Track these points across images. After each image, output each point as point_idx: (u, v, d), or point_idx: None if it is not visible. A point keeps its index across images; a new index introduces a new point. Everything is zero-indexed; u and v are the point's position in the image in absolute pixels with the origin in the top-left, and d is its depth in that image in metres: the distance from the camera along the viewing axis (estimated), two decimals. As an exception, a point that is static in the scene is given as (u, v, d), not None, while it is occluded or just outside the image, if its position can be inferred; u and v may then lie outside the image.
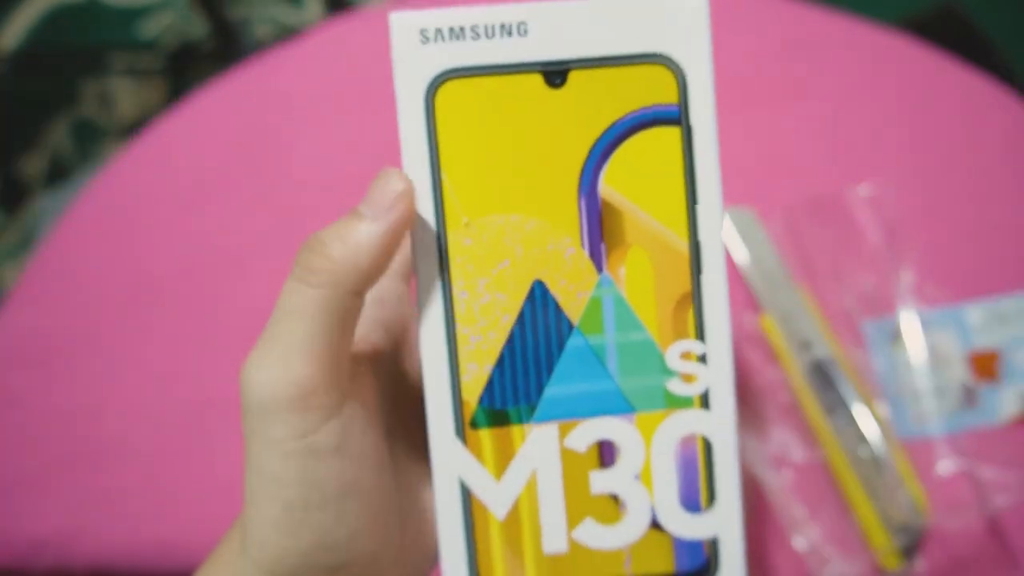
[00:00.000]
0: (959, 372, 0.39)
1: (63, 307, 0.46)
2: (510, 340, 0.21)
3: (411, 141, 0.20)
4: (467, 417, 0.21)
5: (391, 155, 0.20)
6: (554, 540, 0.21)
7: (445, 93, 0.20)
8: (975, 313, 0.41)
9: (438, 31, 0.20)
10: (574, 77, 0.20)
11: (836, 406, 0.37)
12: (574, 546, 0.21)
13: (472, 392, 0.21)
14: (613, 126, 0.20)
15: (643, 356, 0.20)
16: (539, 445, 0.21)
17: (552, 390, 0.21)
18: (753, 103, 0.48)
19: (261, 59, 0.53)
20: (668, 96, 0.20)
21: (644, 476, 0.20)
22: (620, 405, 0.21)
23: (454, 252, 0.21)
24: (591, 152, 0.20)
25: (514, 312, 0.21)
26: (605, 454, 0.21)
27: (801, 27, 0.51)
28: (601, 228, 0.20)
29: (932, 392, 0.39)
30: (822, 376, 0.38)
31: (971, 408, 0.39)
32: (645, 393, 0.20)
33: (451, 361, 0.21)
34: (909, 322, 0.40)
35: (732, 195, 0.45)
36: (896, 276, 0.42)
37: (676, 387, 0.20)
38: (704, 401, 0.20)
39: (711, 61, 0.19)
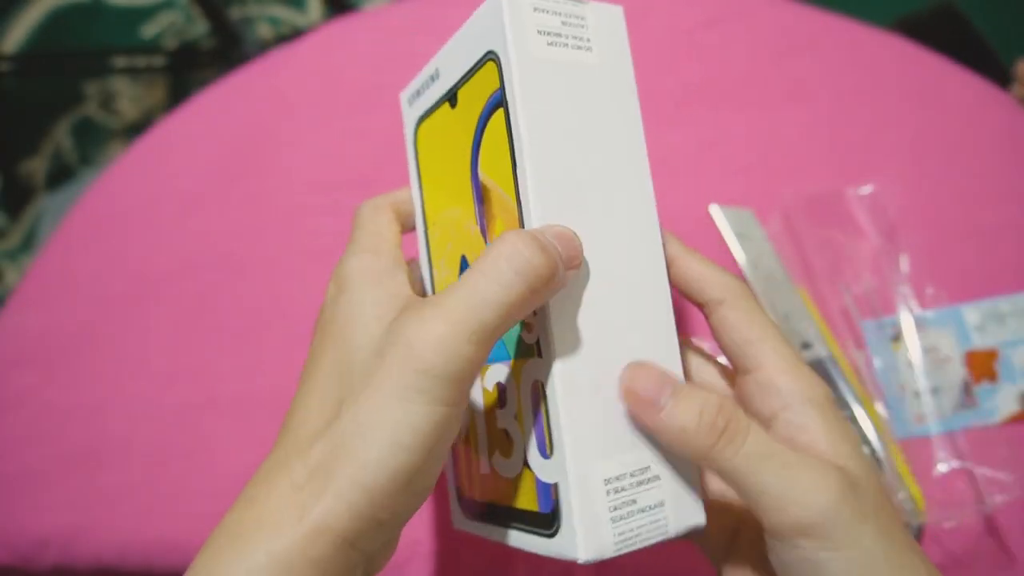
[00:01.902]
0: (957, 372, 0.39)
1: (65, 307, 0.46)
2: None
3: (410, 169, 0.29)
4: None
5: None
6: (483, 463, 0.25)
7: (420, 134, 0.28)
8: (973, 313, 0.41)
9: (412, 95, 0.29)
10: (461, 94, 0.25)
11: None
12: (492, 470, 0.24)
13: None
14: (479, 120, 0.24)
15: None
16: (476, 386, 0.25)
17: None
18: (753, 103, 0.48)
19: (261, 59, 0.53)
20: (497, 83, 0.23)
21: (519, 417, 0.23)
22: (504, 353, 0.24)
23: (430, 242, 0.28)
24: (472, 146, 0.25)
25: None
26: (500, 395, 0.24)
27: (801, 27, 0.51)
28: (483, 207, 0.24)
29: (930, 391, 0.39)
30: (822, 375, 0.38)
31: (969, 408, 0.39)
32: (513, 342, 0.23)
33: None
34: (908, 322, 0.40)
35: (732, 195, 0.45)
36: (895, 276, 0.42)
37: (525, 336, 0.23)
38: (538, 350, 0.22)
39: (516, 44, 0.22)
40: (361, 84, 0.51)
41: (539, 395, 0.22)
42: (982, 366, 0.39)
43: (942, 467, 0.37)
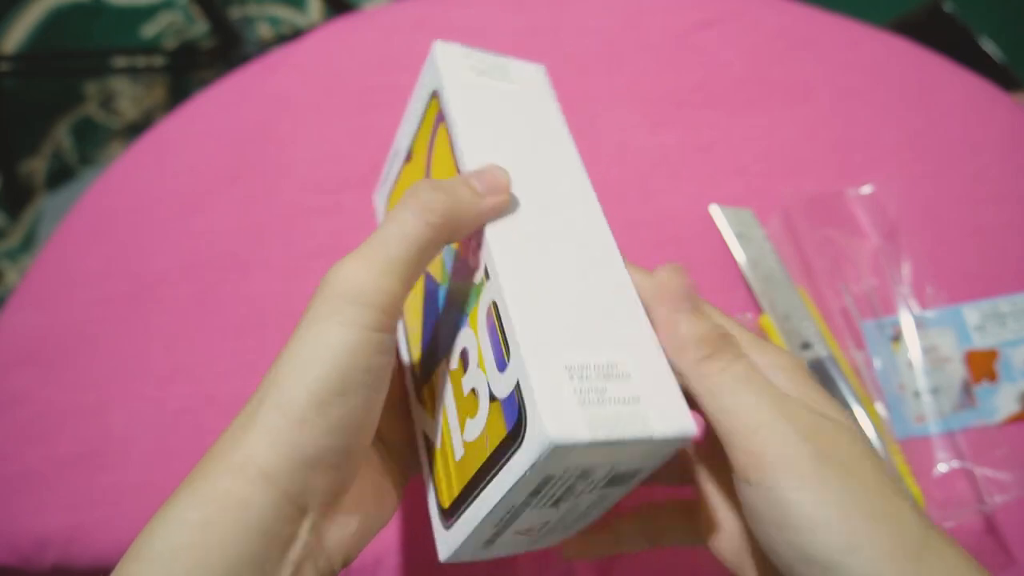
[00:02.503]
0: (957, 372, 0.39)
1: (66, 307, 0.46)
2: (424, 312, 0.29)
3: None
4: (419, 380, 0.29)
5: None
6: (459, 449, 0.25)
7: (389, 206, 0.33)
8: (973, 313, 0.41)
9: (381, 185, 0.35)
10: (414, 146, 0.31)
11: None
12: (466, 447, 0.24)
13: (418, 358, 0.29)
14: (428, 147, 0.29)
15: (466, 279, 0.25)
16: (441, 378, 0.26)
17: (436, 334, 0.27)
18: (753, 103, 0.48)
19: (261, 59, 0.53)
20: (438, 108, 0.28)
21: (480, 362, 0.23)
22: (463, 320, 0.25)
23: None
24: (426, 168, 0.29)
25: (420, 296, 0.30)
26: (464, 361, 0.25)
27: (801, 27, 0.51)
28: None
29: (930, 391, 0.39)
30: (822, 375, 0.38)
31: (969, 408, 0.39)
32: (467, 297, 0.25)
33: (406, 339, 0.31)
34: (908, 322, 0.40)
35: (732, 195, 0.45)
36: (895, 276, 0.42)
37: (475, 277, 0.24)
38: (487, 275, 0.23)
39: (448, 69, 0.28)
40: (361, 84, 0.51)
41: (494, 316, 0.23)
42: (982, 366, 0.39)
43: (942, 467, 0.37)
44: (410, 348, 0.30)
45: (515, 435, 0.21)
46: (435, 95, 0.28)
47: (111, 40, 1.27)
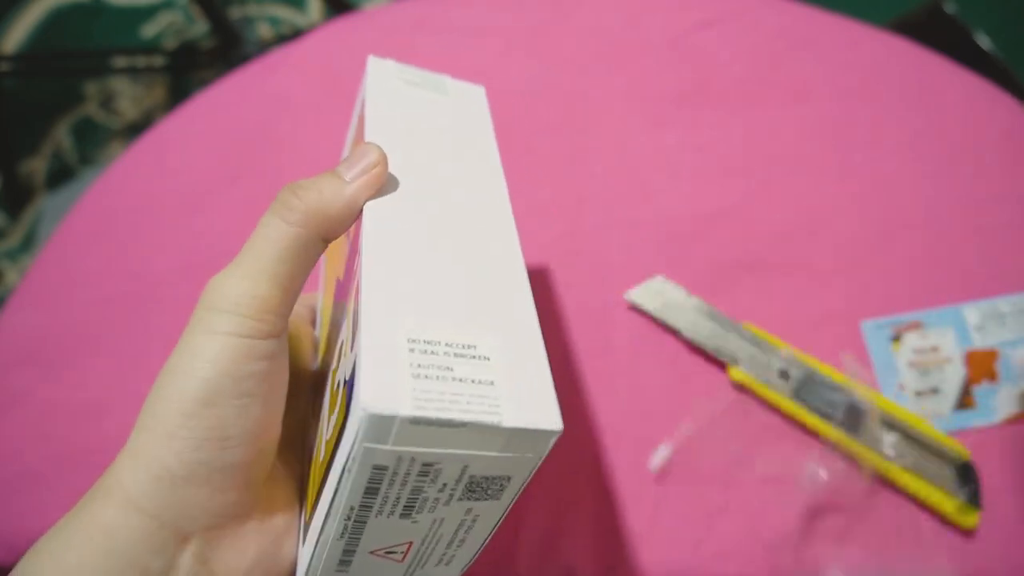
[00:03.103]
0: (957, 372, 0.39)
1: (66, 307, 0.46)
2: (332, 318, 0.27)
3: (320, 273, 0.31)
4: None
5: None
6: (322, 450, 0.22)
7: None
8: (973, 313, 0.41)
9: None
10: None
11: (837, 409, 0.38)
12: (325, 445, 0.22)
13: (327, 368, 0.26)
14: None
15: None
16: (327, 381, 0.24)
17: (331, 336, 0.25)
18: (752, 103, 0.48)
19: (261, 59, 0.53)
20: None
21: (347, 351, 0.21)
22: (343, 312, 0.23)
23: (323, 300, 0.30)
24: None
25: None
26: (340, 354, 0.22)
27: (801, 27, 0.51)
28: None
29: (930, 391, 0.39)
30: (811, 392, 0.38)
31: (969, 408, 0.39)
32: (350, 290, 0.23)
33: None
34: (908, 322, 0.40)
35: (732, 195, 0.45)
36: (893, 278, 0.42)
37: (356, 265, 0.23)
38: (361, 256, 0.22)
39: (375, 73, 0.29)
40: (361, 84, 0.51)
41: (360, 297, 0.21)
42: (982, 366, 0.39)
43: (942, 467, 0.37)
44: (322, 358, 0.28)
45: (346, 415, 0.19)
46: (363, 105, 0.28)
47: (111, 40, 1.27)
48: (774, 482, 0.37)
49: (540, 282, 0.43)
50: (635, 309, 0.42)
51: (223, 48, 1.12)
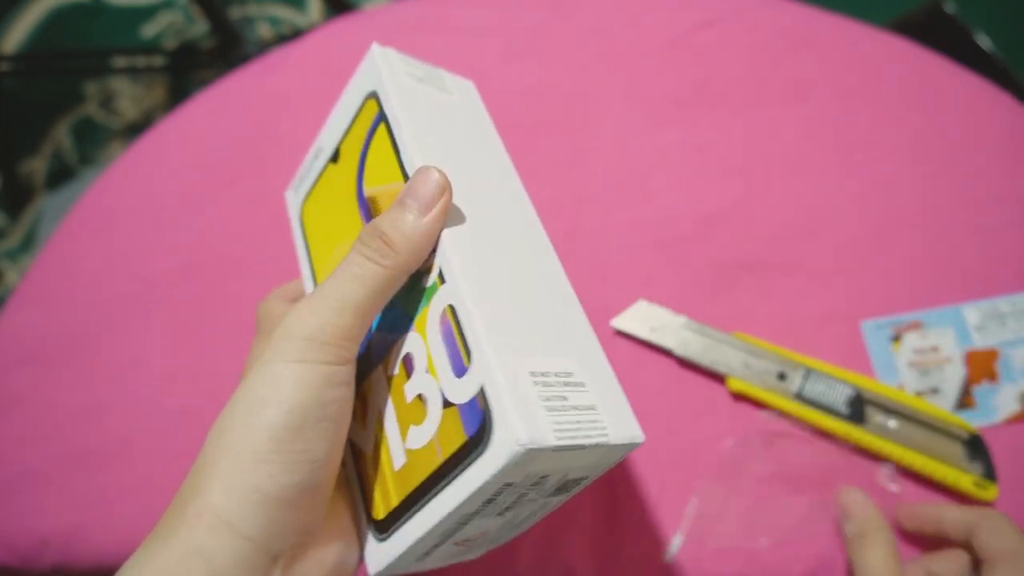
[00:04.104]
0: (957, 372, 0.39)
1: (65, 307, 0.46)
2: None
3: (299, 250, 0.32)
4: None
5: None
6: (399, 457, 0.24)
7: (305, 211, 0.33)
8: (973, 313, 0.41)
9: (296, 184, 0.34)
10: (343, 147, 0.30)
11: (839, 403, 0.38)
12: (409, 454, 0.24)
13: None
14: (363, 147, 0.28)
15: (411, 284, 0.25)
16: (376, 384, 0.25)
17: (372, 338, 0.26)
18: (752, 103, 0.48)
19: (261, 59, 0.53)
20: (377, 108, 0.28)
21: (430, 367, 0.23)
22: (406, 324, 0.25)
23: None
24: (356, 176, 0.28)
25: None
26: (408, 366, 0.24)
27: (801, 27, 0.51)
28: (371, 217, 0.27)
29: (930, 391, 0.39)
30: (811, 388, 0.38)
31: (969, 408, 0.39)
32: (414, 301, 0.24)
33: None
34: (908, 322, 0.40)
35: (732, 195, 0.45)
36: (893, 278, 0.42)
37: (425, 281, 0.24)
38: (442, 278, 0.23)
39: (391, 73, 0.28)
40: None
41: (449, 320, 0.22)
42: (982, 366, 0.39)
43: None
44: None
45: (477, 441, 0.21)
46: (373, 97, 0.28)
47: (111, 40, 1.27)
48: (775, 482, 0.37)
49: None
50: (622, 335, 0.41)
51: (223, 48, 1.12)
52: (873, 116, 0.47)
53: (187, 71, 1.23)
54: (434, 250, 0.24)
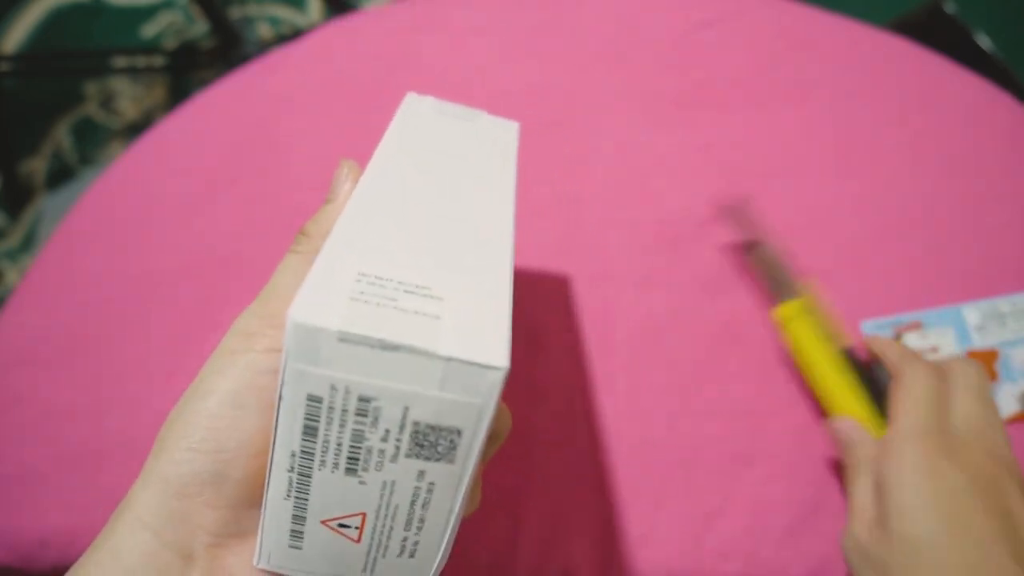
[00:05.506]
0: (958, 372, 0.39)
1: (66, 307, 0.46)
2: None
3: None
4: None
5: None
6: None
7: None
8: (973, 313, 0.41)
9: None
10: None
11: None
12: None
13: None
14: None
15: None
16: None
17: None
18: (752, 103, 0.48)
19: (261, 59, 0.53)
20: None
21: None
22: None
23: None
24: None
25: None
26: None
27: (801, 27, 0.51)
28: None
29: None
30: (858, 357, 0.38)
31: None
32: None
33: None
34: (908, 322, 0.40)
35: (732, 195, 0.45)
36: (893, 278, 0.42)
37: None
38: None
39: (404, 111, 0.28)
40: (361, 84, 0.51)
41: None
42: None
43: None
44: None
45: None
46: None
47: (111, 40, 1.27)
48: (774, 481, 0.37)
49: (539, 282, 0.43)
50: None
51: (223, 48, 1.12)
52: (873, 116, 0.47)
53: (187, 71, 1.23)
54: None
